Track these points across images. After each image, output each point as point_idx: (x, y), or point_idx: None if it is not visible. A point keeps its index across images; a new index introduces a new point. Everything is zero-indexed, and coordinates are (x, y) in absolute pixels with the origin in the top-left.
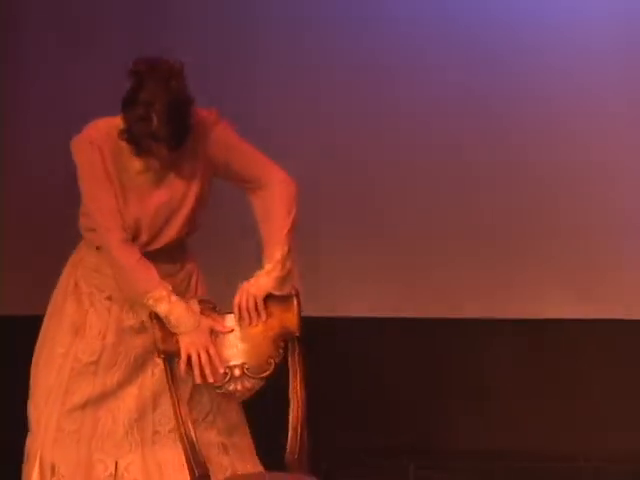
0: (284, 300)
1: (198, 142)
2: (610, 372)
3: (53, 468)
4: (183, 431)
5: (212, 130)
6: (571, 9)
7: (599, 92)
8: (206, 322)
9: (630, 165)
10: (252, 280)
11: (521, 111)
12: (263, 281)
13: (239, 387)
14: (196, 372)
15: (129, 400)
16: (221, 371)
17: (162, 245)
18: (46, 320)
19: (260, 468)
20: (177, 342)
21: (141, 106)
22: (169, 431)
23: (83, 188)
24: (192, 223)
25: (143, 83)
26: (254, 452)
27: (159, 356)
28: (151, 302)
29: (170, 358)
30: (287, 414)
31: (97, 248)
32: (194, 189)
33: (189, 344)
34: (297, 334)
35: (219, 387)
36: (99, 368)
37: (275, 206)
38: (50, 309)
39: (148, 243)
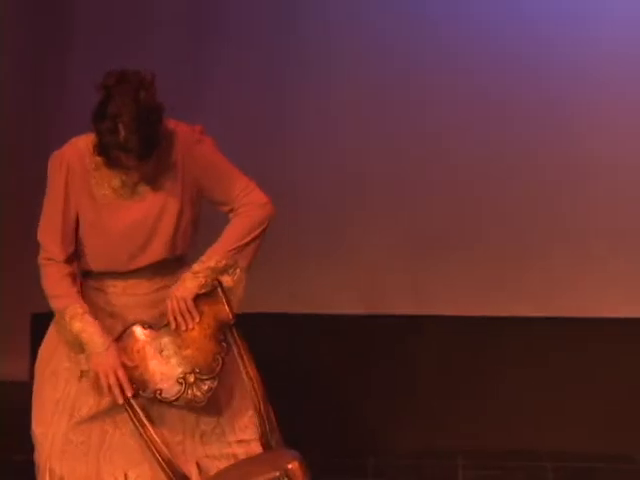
0: (210, 295)
1: (177, 159)
2: None
3: None
4: (154, 450)
5: (194, 148)
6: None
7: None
8: (116, 346)
9: None
10: (178, 284)
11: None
12: (189, 284)
13: (197, 392)
14: (104, 391)
15: None
16: (129, 394)
17: (147, 264)
18: (49, 335)
19: None
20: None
21: (109, 119)
22: (177, 443)
23: (44, 203)
24: (179, 243)
25: (111, 96)
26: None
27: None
28: (67, 318)
29: None
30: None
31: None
32: (173, 208)
33: (97, 365)
34: (231, 321)
35: (176, 400)
36: None
37: (233, 225)
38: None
39: (129, 261)
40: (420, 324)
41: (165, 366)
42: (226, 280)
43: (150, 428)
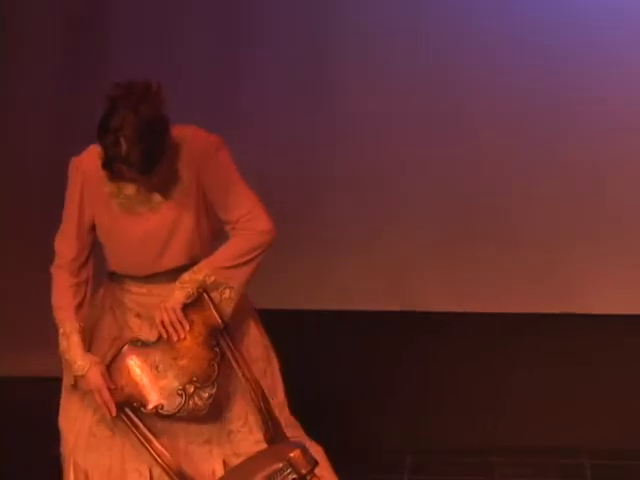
0: (196, 303)
1: (192, 169)
2: None
3: (86, 474)
4: (161, 463)
5: (208, 160)
6: None
7: None
8: (98, 368)
9: None
10: (163, 301)
11: None
12: (177, 294)
13: (199, 402)
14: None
15: None
16: (113, 414)
17: (166, 269)
18: None
19: None
20: None
21: (111, 133)
22: (204, 442)
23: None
24: (198, 251)
25: (115, 109)
26: None
27: None
28: (59, 334)
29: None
30: None
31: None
32: (187, 218)
33: (85, 385)
34: (221, 325)
35: (178, 412)
36: None
37: (230, 244)
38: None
39: (149, 266)
40: (454, 321)
41: (163, 380)
42: (214, 296)
43: (154, 441)
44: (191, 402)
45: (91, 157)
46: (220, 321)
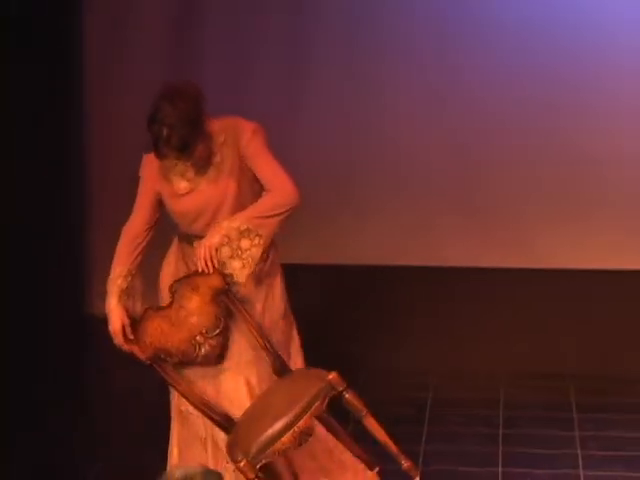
0: (201, 274)
1: (222, 148)
2: None
3: None
4: (192, 402)
5: (248, 139)
6: None
7: None
8: (117, 315)
9: None
10: (207, 236)
11: None
12: (215, 237)
13: (207, 347)
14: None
15: None
16: (144, 357)
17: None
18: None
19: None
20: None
21: (156, 123)
22: (222, 372)
23: None
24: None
25: (156, 105)
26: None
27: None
28: (110, 277)
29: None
30: None
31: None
32: (231, 190)
33: (109, 323)
34: (225, 287)
35: (197, 358)
36: None
37: (261, 201)
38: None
39: (206, 227)
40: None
41: (180, 334)
42: (245, 243)
43: (182, 384)
44: (203, 349)
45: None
46: (224, 284)
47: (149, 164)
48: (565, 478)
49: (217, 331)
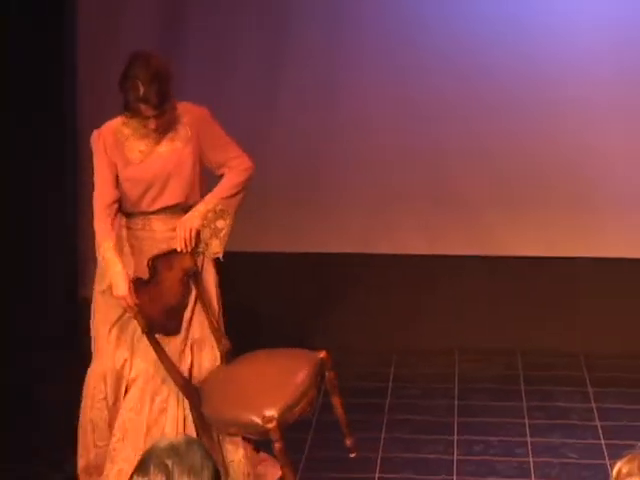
0: (176, 255)
1: (189, 127)
2: None
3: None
4: (173, 375)
5: (202, 120)
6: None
7: None
8: (124, 279)
9: None
10: (187, 217)
11: None
12: (195, 219)
13: (176, 323)
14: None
15: None
16: (135, 312)
17: (165, 205)
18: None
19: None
20: None
21: (130, 79)
22: (181, 352)
23: (94, 169)
24: (190, 192)
25: (130, 63)
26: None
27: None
28: (100, 251)
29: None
30: None
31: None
32: (187, 164)
33: (115, 290)
34: (195, 267)
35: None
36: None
37: (226, 180)
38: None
39: (152, 202)
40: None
41: (156, 308)
42: (220, 223)
43: (168, 358)
44: (170, 324)
45: (108, 128)
46: (193, 265)
47: (102, 139)
48: (514, 444)
49: (181, 308)
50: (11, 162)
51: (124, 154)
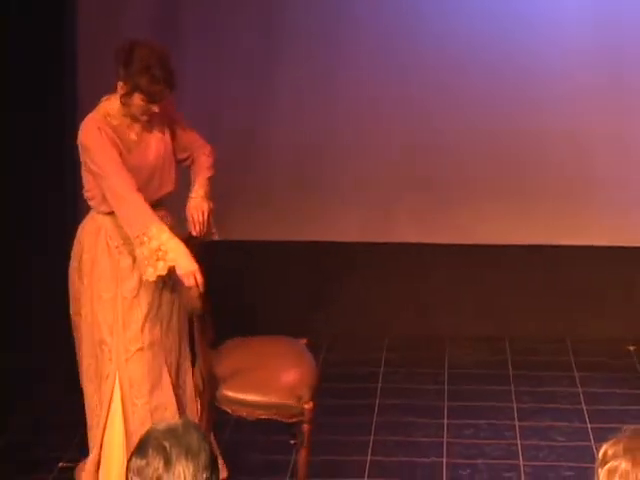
0: (191, 240)
1: (166, 118)
2: None
3: (131, 381)
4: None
5: (173, 113)
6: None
7: None
8: (191, 257)
9: None
10: (196, 202)
11: None
12: (205, 202)
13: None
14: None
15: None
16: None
17: (163, 195)
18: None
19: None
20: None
21: (139, 61)
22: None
23: (100, 163)
24: (175, 181)
25: (132, 49)
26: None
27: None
28: (150, 234)
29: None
30: None
31: (109, 214)
32: (170, 152)
33: (183, 267)
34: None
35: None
36: (141, 298)
37: (200, 164)
38: (80, 274)
39: (154, 192)
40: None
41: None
42: (211, 204)
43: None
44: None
45: (97, 116)
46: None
47: (103, 132)
48: (502, 428)
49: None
50: (11, 162)
51: (122, 140)
